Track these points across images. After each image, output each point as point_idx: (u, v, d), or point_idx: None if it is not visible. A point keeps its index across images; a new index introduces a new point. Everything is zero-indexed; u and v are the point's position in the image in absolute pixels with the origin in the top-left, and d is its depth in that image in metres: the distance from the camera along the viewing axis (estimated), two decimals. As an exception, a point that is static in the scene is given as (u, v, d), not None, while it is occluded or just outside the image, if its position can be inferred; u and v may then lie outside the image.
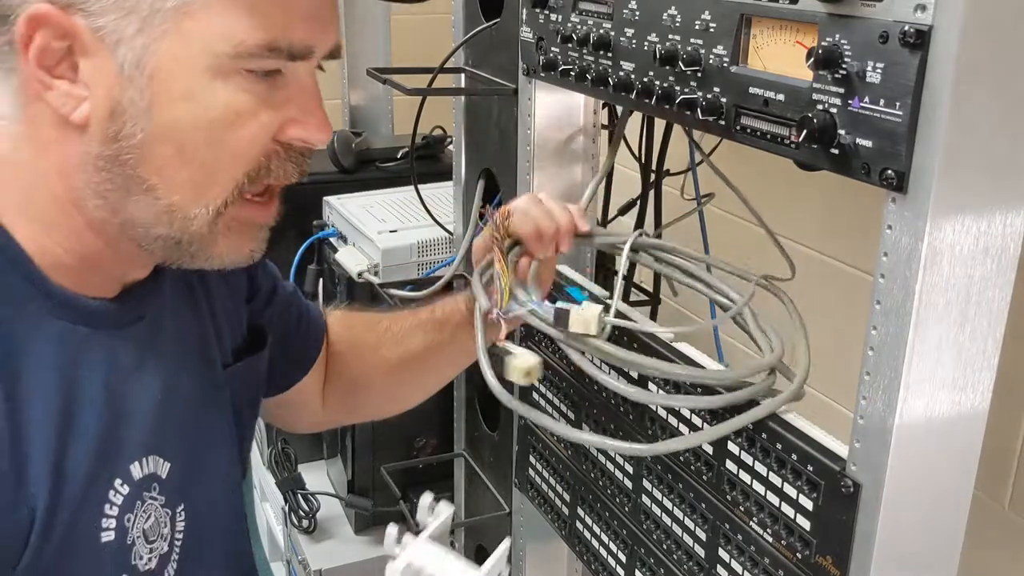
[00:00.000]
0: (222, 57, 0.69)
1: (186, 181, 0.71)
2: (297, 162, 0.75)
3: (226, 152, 0.72)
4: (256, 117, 0.71)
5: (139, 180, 0.71)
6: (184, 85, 0.69)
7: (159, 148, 0.70)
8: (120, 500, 0.77)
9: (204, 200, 0.72)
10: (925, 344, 0.64)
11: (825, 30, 0.66)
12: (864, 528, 0.69)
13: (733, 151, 0.93)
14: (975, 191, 0.62)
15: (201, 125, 0.70)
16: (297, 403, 1.11)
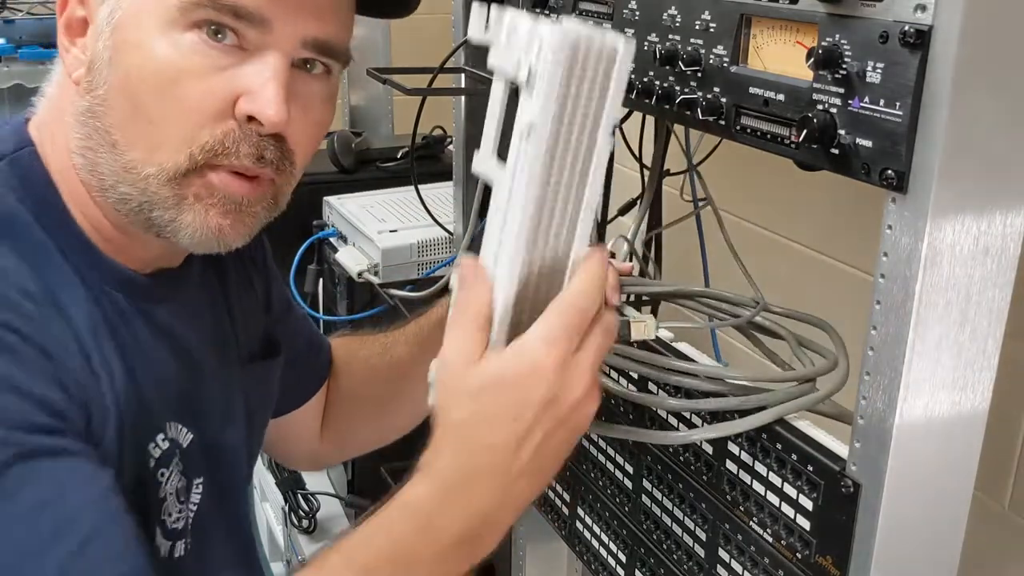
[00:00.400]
0: (171, 9, 0.71)
1: (140, 137, 0.73)
2: (252, 145, 0.74)
3: (172, 109, 0.72)
4: (204, 79, 0.72)
5: (106, 134, 0.74)
6: (137, 35, 0.72)
7: (117, 100, 0.73)
8: (158, 454, 0.81)
9: (157, 159, 0.73)
10: (925, 344, 0.64)
11: (825, 30, 0.66)
12: (864, 528, 0.69)
13: (733, 151, 0.93)
14: (975, 191, 0.62)
15: (147, 76, 0.72)
16: (293, 434, 1.12)
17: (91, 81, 0.74)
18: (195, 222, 0.75)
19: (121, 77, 0.73)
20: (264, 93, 0.72)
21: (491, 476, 0.67)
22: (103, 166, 0.75)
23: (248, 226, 0.78)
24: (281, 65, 0.73)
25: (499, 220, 0.67)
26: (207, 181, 0.74)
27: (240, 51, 0.73)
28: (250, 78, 0.73)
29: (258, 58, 0.73)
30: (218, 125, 0.73)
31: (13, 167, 0.76)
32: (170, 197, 0.74)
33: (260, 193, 0.77)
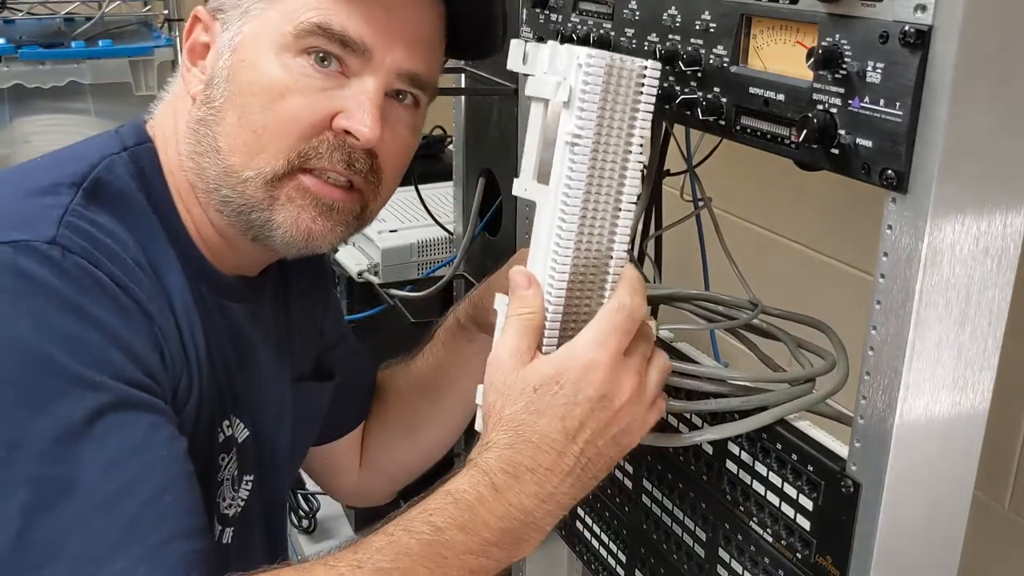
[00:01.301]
0: (286, 35, 0.80)
1: (242, 145, 0.81)
2: (345, 153, 0.81)
3: (275, 120, 0.80)
4: (306, 96, 0.80)
5: (212, 141, 0.82)
6: (253, 56, 0.81)
7: (228, 112, 0.82)
8: (222, 439, 0.87)
9: (256, 164, 0.81)
10: (925, 344, 0.64)
11: (825, 30, 0.66)
12: (864, 528, 0.69)
13: (733, 151, 0.93)
14: (975, 191, 0.62)
15: (257, 91, 0.80)
16: (334, 466, 1.17)
17: (208, 95, 0.83)
18: (287, 222, 0.82)
19: (235, 91, 0.81)
20: (360, 111, 0.80)
21: (537, 473, 0.69)
22: (208, 170, 0.83)
23: (336, 233, 0.84)
24: (377, 89, 0.81)
25: (546, 231, 0.73)
26: (299, 183, 0.81)
27: (341, 76, 0.81)
28: (349, 99, 0.81)
29: (356, 82, 0.81)
30: (314, 136, 0.80)
31: (133, 158, 0.84)
32: (265, 199, 0.81)
33: (349, 201, 0.84)
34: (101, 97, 1.79)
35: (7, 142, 1.76)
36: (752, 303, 0.94)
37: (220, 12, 0.84)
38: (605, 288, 0.75)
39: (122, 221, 0.78)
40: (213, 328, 0.86)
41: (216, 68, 0.83)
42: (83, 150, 0.84)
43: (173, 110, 0.88)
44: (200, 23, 0.86)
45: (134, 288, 0.74)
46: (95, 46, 1.76)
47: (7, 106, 1.73)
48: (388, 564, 0.66)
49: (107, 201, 0.79)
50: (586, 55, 0.70)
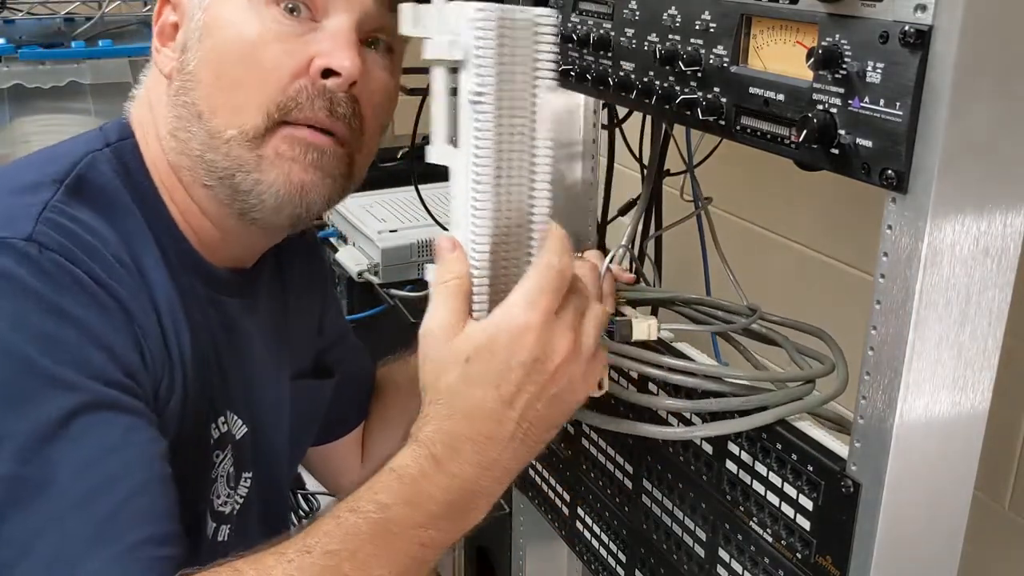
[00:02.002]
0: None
1: (223, 103, 0.80)
2: (326, 100, 0.80)
3: (252, 73, 0.79)
4: (281, 43, 0.79)
5: (193, 107, 0.81)
6: (224, 11, 0.80)
7: (204, 73, 0.81)
8: (217, 435, 0.86)
9: (237, 122, 0.80)
10: (925, 344, 0.64)
11: (825, 30, 0.66)
12: (864, 528, 0.69)
13: (733, 151, 0.93)
14: (975, 191, 0.62)
15: (232, 47, 0.79)
16: (335, 467, 1.17)
17: (182, 63, 0.82)
18: (278, 180, 0.80)
19: (208, 50, 0.81)
20: (337, 49, 0.79)
21: (476, 443, 0.68)
22: (192, 140, 0.82)
23: (327, 185, 0.82)
24: (350, 26, 0.80)
25: (462, 195, 0.72)
26: (285, 134, 0.80)
27: (312, 22, 0.81)
28: (323, 41, 0.80)
29: (329, 22, 0.81)
30: (291, 84, 0.79)
31: (116, 154, 0.83)
32: (251, 159, 0.80)
33: (337, 149, 0.82)
34: (101, 97, 1.79)
35: (7, 142, 1.76)
36: (751, 308, 0.94)
37: None
38: (531, 248, 0.74)
39: (104, 217, 0.78)
40: (205, 324, 0.85)
41: (188, 33, 0.82)
42: (67, 148, 0.83)
43: (148, 99, 0.87)
44: (168, 4, 0.86)
45: (114, 285, 0.73)
46: (95, 46, 1.76)
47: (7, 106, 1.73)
48: (337, 546, 0.66)
49: (89, 198, 0.78)
50: (474, 9, 0.69)
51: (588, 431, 1.05)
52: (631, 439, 0.96)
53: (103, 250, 0.75)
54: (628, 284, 1.00)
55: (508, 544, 1.34)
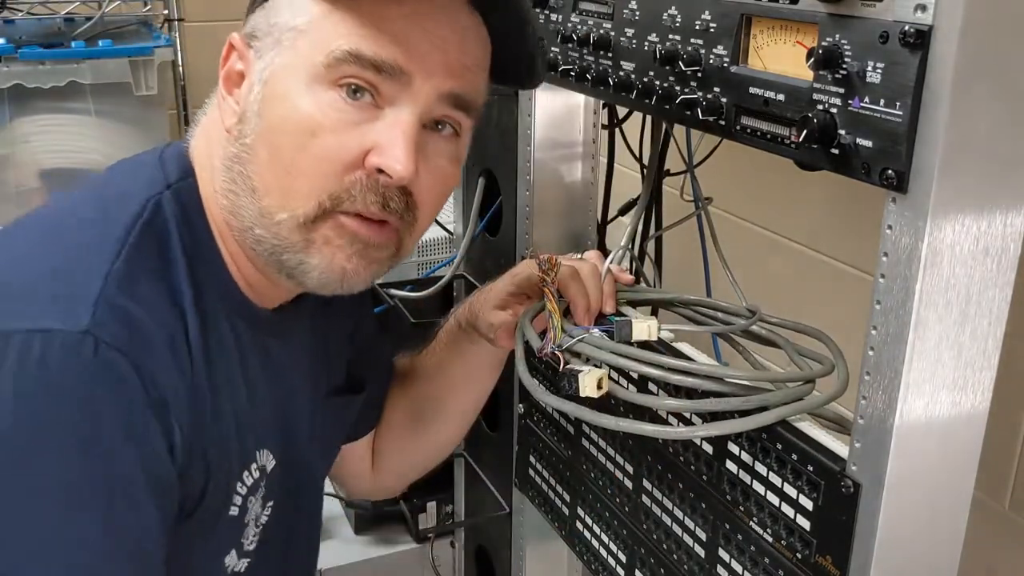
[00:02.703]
0: (317, 66, 0.76)
1: (276, 186, 0.78)
2: (379, 194, 0.77)
3: (306, 159, 0.76)
4: (338, 134, 0.76)
5: (248, 180, 0.79)
6: (284, 88, 0.77)
7: (261, 150, 0.78)
8: (250, 481, 0.86)
9: (289, 206, 0.77)
10: (925, 344, 0.64)
11: (825, 30, 0.66)
12: (864, 528, 0.69)
13: (733, 151, 0.93)
14: (975, 191, 0.62)
15: (289, 128, 0.76)
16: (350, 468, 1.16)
17: (241, 130, 0.79)
18: (322, 264, 0.79)
19: (266, 127, 0.78)
20: (393, 147, 0.76)
21: None
22: (243, 209, 0.80)
23: (372, 271, 0.81)
24: (411, 120, 0.77)
25: None
26: (336, 223, 0.78)
27: (375, 108, 0.77)
28: (381, 133, 0.76)
29: (391, 114, 0.77)
30: (347, 176, 0.77)
31: (177, 197, 0.81)
32: (299, 241, 0.78)
33: (385, 238, 0.80)
34: (101, 97, 1.79)
35: (7, 142, 1.76)
36: (750, 310, 0.94)
37: (254, 39, 0.80)
38: None
39: (160, 284, 0.76)
40: (246, 371, 0.84)
41: (248, 102, 0.79)
42: (130, 187, 0.81)
43: (208, 139, 0.84)
44: (235, 51, 0.82)
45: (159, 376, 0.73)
46: (95, 46, 1.76)
47: (7, 106, 1.73)
48: None
49: (149, 262, 0.76)
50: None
51: (588, 431, 1.05)
52: (631, 439, 0.96)
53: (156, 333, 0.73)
54: (627, 285, 1.00)
55: (508, 544, 1.34)
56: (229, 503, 0.83)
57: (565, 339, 0.87)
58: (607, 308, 0.95)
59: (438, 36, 0.77)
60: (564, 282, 0.92)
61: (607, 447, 1.01)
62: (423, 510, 1.67)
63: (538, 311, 0.95)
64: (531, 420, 1.18)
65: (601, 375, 0.84)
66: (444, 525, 1.65)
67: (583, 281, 0.93)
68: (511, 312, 1.00)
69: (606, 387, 0.83)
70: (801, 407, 0.78)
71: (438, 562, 1.61)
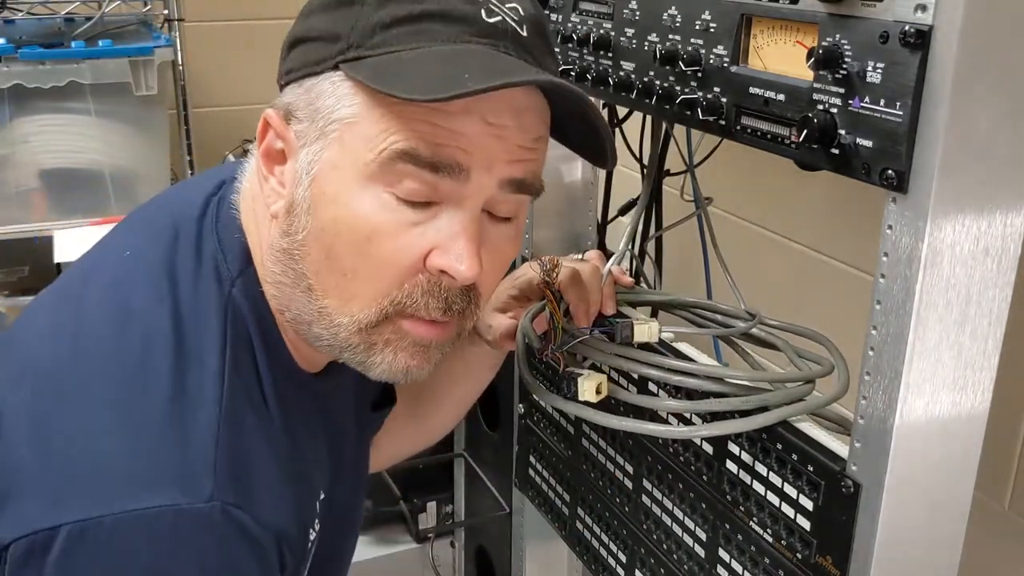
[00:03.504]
0: (370, 165, 0.70)
1: (334, 287, 0.74)
2: (441, 298, 0.74)
3: (366, 264, 0.72)
4: (396, 237, 0.71)
5: (302, 277, 0.75)
6: (335, 189, 0.72)
7: (315, 249, 0.73)
8: (312, 536, 0.85)
9: (349, 310, 0.74)
10: (925, 344, 0.64)
11: (825, 30, 0.66)
12: (864, 528, 0.69)
13: (733, 150, 0.93)
14: (975, 191, 0.62)
15: (344, 230, 0.72)
16: None
17: (291, 225, 0.75)
18: (383, 363, 0.77)
19: (318, 227, 0.73)
20: (455, 248, 0.71)
21: None
22: (298, 305, 0.76)
23: (433, 362, 0.79)
24: (472, 218, 0.72)
25: None
26: (397, 327, 0.75)
27: (434, 206, 0.72)
28: (442, 233, 0.72)
29: (451, 211, 0.72)
30: (408, 280, 0.73)
31: (245, 295, 0.77)
32: (360, 344, 0.76)
33: (447, 336, 0.78)
34: (101, 97, 1.78)
35: (7, 142, 1.76)
36: (750, 314, 0.94)
37: (294, 119, 0.74)
38: None
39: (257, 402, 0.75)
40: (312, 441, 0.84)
41: (296, 194, 0.74)
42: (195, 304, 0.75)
43: (254, 215, 0.80)
44: (271, 128, 0.76)
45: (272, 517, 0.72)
46: (95, 46, 1.75)
47: (7, 106, 1.73)
48: None
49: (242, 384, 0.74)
50: None
51: (588, 431, 1.05)
52: (631, 439, 0.96)
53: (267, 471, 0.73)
54: (627, 287, 1.00)
55: (508, 544, 1.34)
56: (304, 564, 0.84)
57: (566, 340, 0.87)
58: (607, 310, 0.95)
59: (498, 126, 0.71)
60: (565, 284, 0.92)
61: (607, 447, 1.01)
62: (423, 510, 1.67)
63: (538, 312, 0.95)
64: (531, 420, 1.18)
65: (600, 380, 0.84)
66: (444, 525, 1.65)
67: (584, 283, 0.93)
68: (512, 315, 1.00)
69: (605, 392, 0.83)
70: (802, 408, 0.78)
71: (438, 562, 1.61)
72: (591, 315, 0.93)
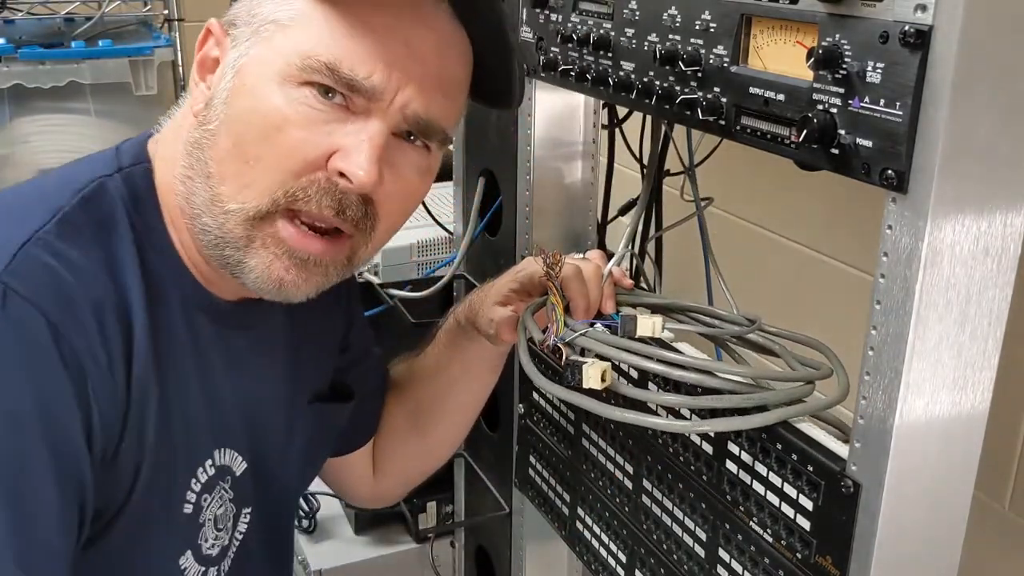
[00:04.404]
0: (292, 66, 0.75)
1: (233, 174, 0.76)
2: (335, 199, 0.76)
3: (268, 153, 0.75)
4: (304, 130, 0.75)
5: (204, 166, 0.77)
6: (255, 82, 0.76)
7: (223, 138, 0.77)
8: (204, 479, 0.84)
9: (242, 197, 0.76)
10: (925, 344, 0.64)
11: (825, 30, 0.66)
12: (864, 528, 0.69)
13: (733, 150, 0.93)
14: (975, 191, 0.62)
15: (255, 120, 0.75)
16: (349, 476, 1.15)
17: (206, 115, 0.78)
18: (258, 267, 0.78)
19: (231, 115, 0.77)
20: (357, 153, 0.75)
21: None
22: (196, 195, 0.78)
23: (314, 283, 0.80)
24: (380, 130, 0.76)
25: None
26: (276, 232, 0.76)
27: (345, 111, 0.76)
28: (348, 137, 0.75)
29: (361, 120, 0.76)
30: (306, 175, 0.75)
31: (126, 181, 0.80)
32: (242, 237, 0.77)
33: (332, 253, 0.79)
34: (101, 97, 1.79)
35: (7, 142, 1.76)
36: (749, 319, 0.94)
37: (232, 27, 0.79)
38: None
39: (98, 255, 0.74)
40: (204, 362, 0.82)
41: (217, 89, 0.78)
42: (77, 170, 0.80)
43: (177, 127, 0.83)
44: (212, 36, 0.81)
45: (78, 343, 0.69)
46: (95, 46, 1.76)
47: (7, 106, 1.73)
48: None
49: (87, 230, 0.74)
50: None
51: (588, 431, 1.05)
52: (631, 439, 0.97)
53: (78, 294, 0.70)
54: (626, 289, 1.00)
55: (508, 544, 1.34)
56: (180, 500, 0.81)
57: (568, 332, 0.87)
58: (607, 309, 0.95)
59: (418, 51, 0.76)
60: (566, 280, 0.92)
61: (607, 447, 1.01)
62: (423, 510, 1.67)
63: (539, 306, 0.95)
64: (531, 420, 1.18)
65: (605, 367, 0.84)
66: (444, 525, 1.65)
67: (585, 281, 0.94)
68: (513, 308, 1.00)
69: (609, 380, 0.83)
70: (803, 409, 0.78)
71: (438, 562, 1.61)
72: (591, 313, 0.93)
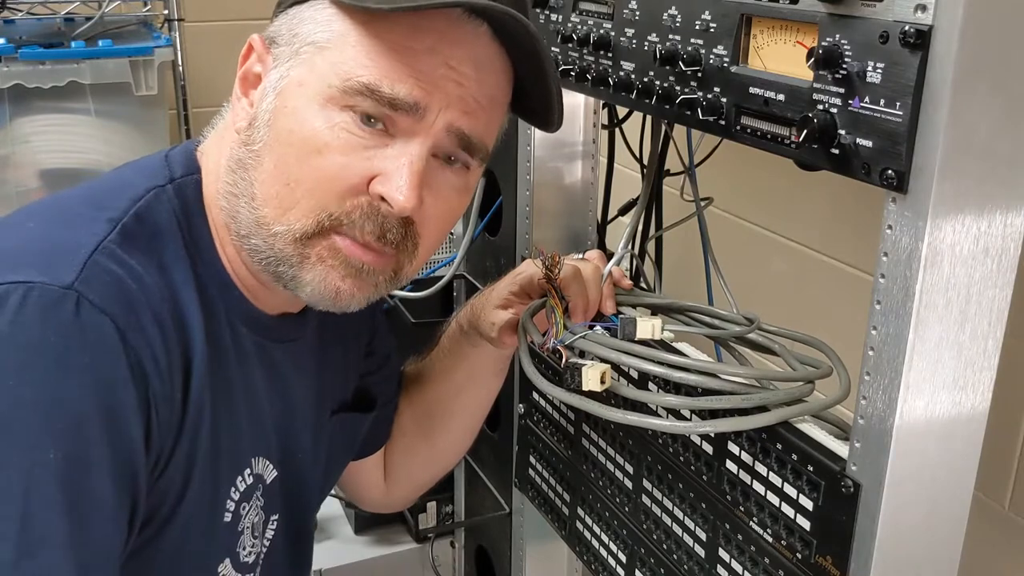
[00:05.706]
0: (333, 88, 0.75)
1: (275, 196, 0.77)
2: (377, 223, 0.76)
3: (309, 176, 0.75)
4: (344, 155, 0.75)
5: (249, 186, 0.78)
6: (296, 104, 0.76)
7: (266, 159, 0.77)
8: (243, 487, 0.85)
9: (286, 220, 0.77)
10: (925, 344, 0.64)
11: (825, 30, 0.66)
12: (864, 528, 0.69)
13: (733, 150, 0.93)
14: (975, 191, 0.62)
15: (295, 141, 0.75)
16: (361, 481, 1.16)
17: (250, 136, 0.79)
18: (315, 281, 0.78)
19: (274, 137, 0.77)
20: (398, 177, 0.75)
21: None
22: (241, 215, 0.79)
23: (366, 292, 0.80)
24: (420, 153, 0.76)
25: None
26: (331, 243, 0.77)
27: (386, 136, 0.76)
28: (388, 161, 0.75)
29: (400, 143, 0.76)
30: (348, 199, 0.76)
31: (179, 193, 0.81)
32: (294, 255, 0.78)
33: (381, 265, 0.80)
34: (101, 97, 1.78)
35: (7, 142, 1.76)
36: (748, 319, 0.94)
37: (274, 44, 0.79)
38: None
39: (155, 265, 0.76)
40: (247, 373, 0.83)
41: (260, 108, 0.78)
42: (130, 178, 0.81)
43: (220, 140, 0.84)
44: (254, 51, 0.81)
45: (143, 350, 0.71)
46: (95, 46, 1.75)
47: (7, 106, 1.73)
48: None
49: (144, 241, 0.76)
50: None
51: (588, 431, 1.05)
52: (631, 440, 0.97)
53: (143, 302, 0.72)
54: (626, 290, 1.00)
55: (508, 544, 1.34)
56: (222, 508, 0.82)
57: (567, 335, 0.87)
58: (607, 309, 0.95)
59: (459, 71, 0.76)
60: (566, 281, 0.92)
61: (607, 447, 1.01)
62: (423, 510, 1.67)
63: (539, 309, 0.95)
64: (531, 420, 1.18)
65: (604, 369, 0.84)
66: (444, 525, 1.65)
67: (584, 282, 0.93)
68: (513, 311, 1.00)
69: (609, 382, 0.83)
70: (803, 409, 0.78)
71: (438, 562, 1.61)
72: (590, 313, 0.93)
